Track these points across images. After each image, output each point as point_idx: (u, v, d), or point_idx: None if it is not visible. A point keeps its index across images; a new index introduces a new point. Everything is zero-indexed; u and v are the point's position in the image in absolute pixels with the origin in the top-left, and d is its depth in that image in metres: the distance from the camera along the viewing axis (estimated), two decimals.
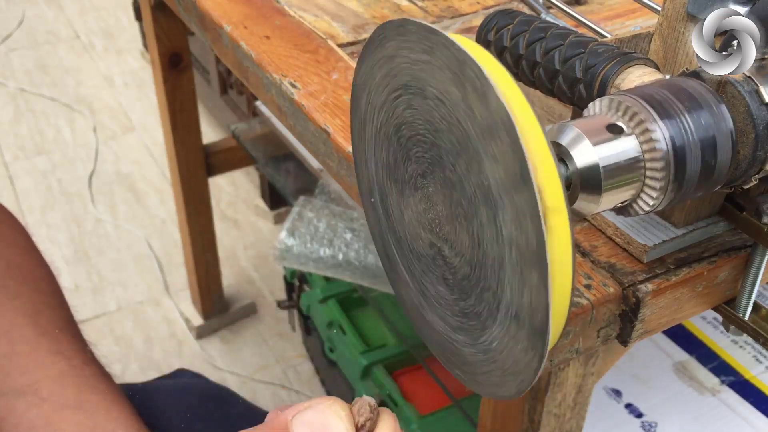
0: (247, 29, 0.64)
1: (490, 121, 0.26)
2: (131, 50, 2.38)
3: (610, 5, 0.69)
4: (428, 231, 0.34)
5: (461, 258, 0.32)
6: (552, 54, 0.42)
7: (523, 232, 0.27)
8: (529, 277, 0.27)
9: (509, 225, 0.28)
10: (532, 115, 0.26)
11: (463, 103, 0.27)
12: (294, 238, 1.10)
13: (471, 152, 0.28)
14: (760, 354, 0.83)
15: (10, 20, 2.54)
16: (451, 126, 0.29)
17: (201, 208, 1.31)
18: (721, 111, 0.35)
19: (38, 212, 1.78)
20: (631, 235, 0.42)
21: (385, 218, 0.37)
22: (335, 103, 0.55)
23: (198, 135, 1.24)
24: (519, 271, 0.28)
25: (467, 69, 0.26)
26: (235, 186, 1.84)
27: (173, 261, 1.63)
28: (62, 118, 2.09)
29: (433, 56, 0.28)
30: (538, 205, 0.26)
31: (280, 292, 1.51)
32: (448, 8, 0.69)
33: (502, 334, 0.30)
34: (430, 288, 0.35)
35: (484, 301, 0.31)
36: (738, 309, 0.44)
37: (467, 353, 0.33)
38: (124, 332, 1.48)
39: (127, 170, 1.91)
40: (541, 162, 0.26)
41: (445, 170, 0.30)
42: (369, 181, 0.37)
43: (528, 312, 0.28)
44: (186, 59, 1.16)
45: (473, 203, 0.29)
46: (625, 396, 0.78)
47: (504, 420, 0.50)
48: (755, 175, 0.37)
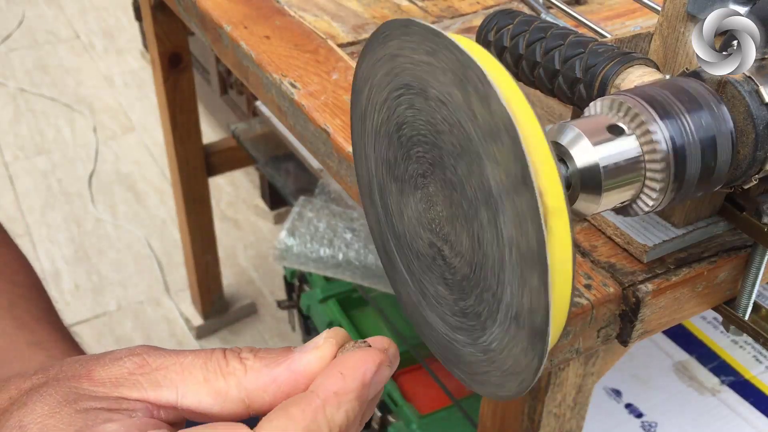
0: (247, 29, 0.64)
1: (492, 124, 0.26)
2: (131, 50, 2.39)
3: (610, 5, 0.69)
4: (428, 230, 0.34)
5: (461, 258, 0.32)
6: (552, 54, 0.42)
7: (524, 233, 0.27)
8: (529, 278, 0.27)
9: (509, 226, 0.28)
10: (533, 118, 0.26)
11: (465, 105, 0.27)
12: (294, 238, 1.10)
13: (472, 154, 0.28)
14: (760, 354, 0.83)
15: (10, 20, 2.54)
16: (452, 128, 0.29)
17: (201, 208, 1.31)
18: (721, 111, 0.35)
19: (38, 212, 1.78)
20: (631, 235, 0.42)
21: (384, 215, 0.37)
22: (335, 103, 0.55)
23: (198, 135, 1.24)
24: (519, 272, 0.28)
25: (470, 72, 0.26)
26: (235, 186, 1.84)
27: (173, 261, 1.63)
28: (62, 118, 2.09)
29: (436, 58, 0.28)
30: (538, 207, 0.25)
31: (280, 292, 1.51)
32: (448, 8, 0.69)
33: (501, 335, 0.30)
34: (429, 287, 0.35)
35: (483, 301, 0.31)
36: (738, 309, 0.44)
37: (467, 353, 0.33)
38: (124, 332, 1.48)
39: (127, 170, 1.91)
40: (542, 164, 0.26)
41: (446, 171, 0.30)
42: (368, 177, 0.37)
43: (528, 313, 0.28)
44: (186, 59, 1.16)
45: (473, 205, 0.29)
46: (625, 396, 0.78)
47: (504, 420, 0.50)
48: (755, 175, 0.37)
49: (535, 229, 0.26)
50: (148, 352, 0.30)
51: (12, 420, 0.28)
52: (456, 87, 0.27)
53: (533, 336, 0.28)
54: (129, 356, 0.30)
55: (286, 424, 0.28)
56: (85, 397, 0.29)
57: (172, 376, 0.30)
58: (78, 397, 0.28)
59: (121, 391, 0.29)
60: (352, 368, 0.30)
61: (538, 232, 0.26)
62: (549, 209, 0.26)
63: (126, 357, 0.30)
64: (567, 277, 0.27)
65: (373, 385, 0.30)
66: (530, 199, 0.26)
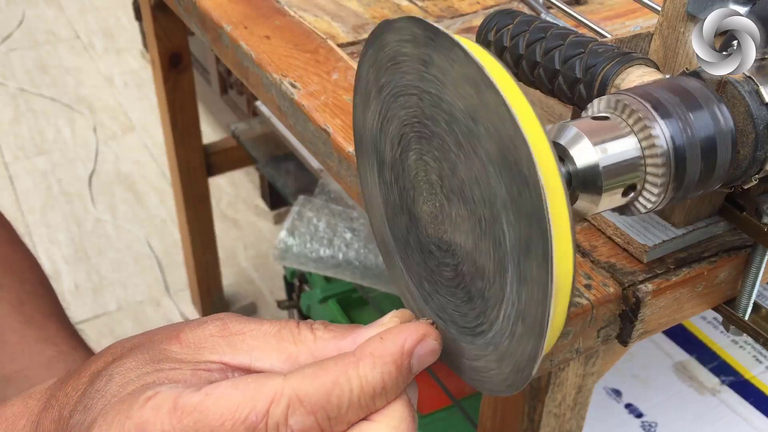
0: (247, 29, 0.64)
1: (527, 236, 0.26)
2: (131, 50, 2.39)
3: (610, 5, 0.69)
4: (430, 223, 0.34)
5: (460, 259, 0.32)
6: (552, 54, 0.42)
7: (528, 297, 0.28)
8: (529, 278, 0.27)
9: (514, 285, 0.28)
10: (564, 204, 0.26)
11: (507, 195, 0.27)
12: (294, 237, 1.10)
13: (495, 215, 0.28)
14: (760, 354, 0.83)
15: (10, 20, 2.54)
16: (483, 188, 0.29)
17: (201, 208, 1.31)
18: (721, 111, 0.35)
19: (38, 212, 1.78)
20: (631, 235, 0.42)
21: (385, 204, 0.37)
22: (335, 103, 0.55)
23: (198, 135, 1.24)
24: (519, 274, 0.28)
25: (514, 154, 0.26)
26: (235, 186, 1.84)
27: (173, 261, 1.63)
28: (62, 118, 2.09)
29: (482, 119, 0.27)
30: (548, 289, 0.26)
31: (280, 292, 1.51)
32: (448, 8, 0.69)
33: (500, 335, 0.30)
34: (425, 283, 0.35)
35: (482, 299, 0.31)
36: (738, 309, 0.44)
37: (465, 348, 0.33)
38: (124, 332, 1.48)
39: (127, 170, 1.91)
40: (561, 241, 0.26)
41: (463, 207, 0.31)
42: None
43: (527, 312, 0.28)
44: (186, 59, 1.16)
45: (487, 263, 0.30)
46: (625, 396, 0.78)
47: (504, 420, 0.50)
48: (755, 175, 0.37)
49: (541, 305, 0.27)
50: (230, 318, 0.33)
51: (106, 371, 0.31)
52: (501, 168, 0.27)
53: (532, 335, 0.28)
54: (213, 321, 0.32)
55: (315, 371, 0.29)
56: (170, 359, 0.31)
57: (249, 341, 0.32)
58: (163, 358, 0.31)
59: (202, 353, 0.31)
60: (392, 334, 0.31)
61: (543, 309, 0.27)
62: (558, 275, 0.27)
63: (210, 321, 0.32)
64: (567, 276, 0.27)
65: (416, 356, 0.31)
66: (542, 272, 0.26)
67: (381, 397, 0.30)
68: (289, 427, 0.28)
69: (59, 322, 0.56)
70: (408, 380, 0.31)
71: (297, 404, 0.28)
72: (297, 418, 0.28)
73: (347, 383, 0.29)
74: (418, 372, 0.31)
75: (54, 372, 0.51)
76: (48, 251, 1.67)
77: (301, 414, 0.28)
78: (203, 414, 0.28)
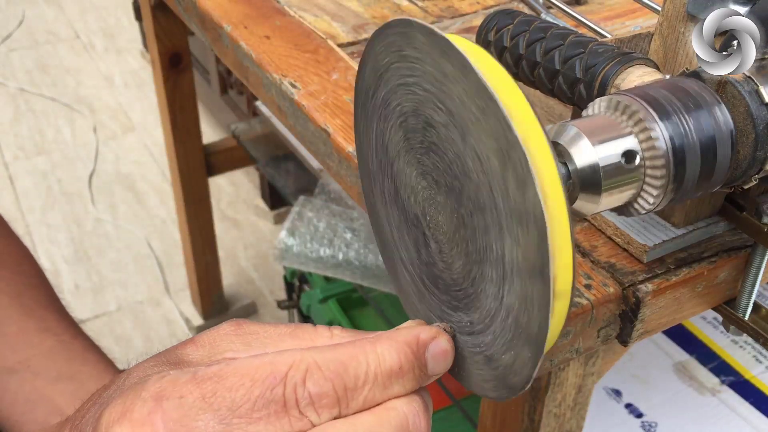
0: (247, 29, 0.64)
1: (522, 209, 0.27)
2: (131, 50, 2.39)
3: (610, 5, 0.69)
4: (431, 228, 0.34)
5: (459, 262, 0.32)
6: (552, 54, 0.42)
7: (528, 312, 0.28)
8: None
9: (513, 296, 0.29)
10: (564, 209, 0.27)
11: (501, 178, 0.27)
12: (294, 237, 1.10)
13: (494, 219, 0.28)
14: (760, 354, 0.83)
15: (10, 20, 2.54)
16: (480, 185, 0.29)
17: (201, 208, 1.31)
18: (721, 111, 0.35)
19: (38, 212, 1.78)
20: (631, 235, 0.42)
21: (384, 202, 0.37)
22: (335, 103, 0.55)
23: (198, 135, 1.24)
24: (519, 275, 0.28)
25: (513, 154, 0.26)
26: (235, 186, 1.84)
27: (173, 261, 1.63)
28: (62, 118, 2.09)
29: (484, 117, 0.27)
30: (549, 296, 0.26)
31: (280, 292, 1.51)
32: (448, 8, 0.69)
33: (499, 336, 0.30)
34: (423, 286, 0.35)
35: (482, 302, 0.31)
36: (738, 309, 0.44)
37: (464, 352, 0.33)
38: (124, 332, 1.48)
39: (127, 170, 1.91)
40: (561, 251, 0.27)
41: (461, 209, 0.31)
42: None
43: (526, 315, 0.28)
44: (186, 59, 1.16)
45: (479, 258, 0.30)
46: (625, 396, 0.78)
47: (504, 420, 0.50)
48: (755, 175, 0.37)
49: (541, 314, 0.27)
50: (245, 321, 0.33)
51: (125, 373, 0.32)
52: (496, 158, 0.27)
53: (530, 340, 0.28)
54: (228, 322, 0.33)
55: (335, 346, 0.30)
56: (185, 362, 0.31)
57: (263, 339, 0.32)
58: (179, 361, 0.31)
59: (217, 350, 0.32)
60: (406, 328, 0.32)
61: (543, 318, 0.27)
62: (556, 293, 0.27)
63: (225, 323, 0.33)
64: (567, 276, 0.27)
65: (431, 353, 0.31)
66: (542, 288, 0.27)
67: (398, 381, 0.30)
68: (307, 389, 0.28)
69: (57, 312, 0.56)
70: (424, 377, 0.31)
71: (315, 368, 0.29)
72: (314, 381, 0.29)
73: (364, 357, 0.30)
74: (433, 374, 0.31)
75: (55, 360, 0.52)
76: (48, 251, 1.67)
77: (319, 378, 0.29)
78: (222, 378, 0.28)
